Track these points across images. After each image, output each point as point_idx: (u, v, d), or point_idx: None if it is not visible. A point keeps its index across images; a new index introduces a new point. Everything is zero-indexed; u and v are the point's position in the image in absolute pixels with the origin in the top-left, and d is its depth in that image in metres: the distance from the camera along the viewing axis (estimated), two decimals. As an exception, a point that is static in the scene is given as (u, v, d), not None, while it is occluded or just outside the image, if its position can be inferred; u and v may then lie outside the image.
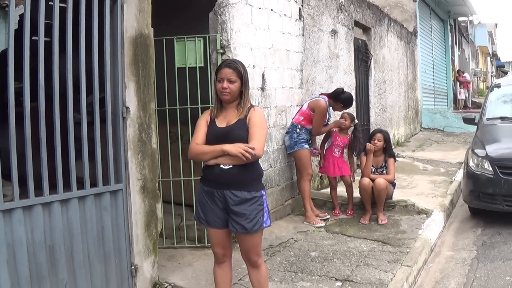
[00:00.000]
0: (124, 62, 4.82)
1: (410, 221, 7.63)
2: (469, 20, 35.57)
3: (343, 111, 8.29)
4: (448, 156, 13.90)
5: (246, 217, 4.13)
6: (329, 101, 7.83)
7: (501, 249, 6.73)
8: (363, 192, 7.79)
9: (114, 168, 4.81)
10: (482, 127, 9.14)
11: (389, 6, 19.46)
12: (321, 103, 7.69)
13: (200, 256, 6.26)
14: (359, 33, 12.88)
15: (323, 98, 7.80)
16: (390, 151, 8.02)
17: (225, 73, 4.17)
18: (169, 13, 7.56)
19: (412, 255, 6.21)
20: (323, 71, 9.66)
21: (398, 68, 16.21)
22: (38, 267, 4.11)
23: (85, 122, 4.55)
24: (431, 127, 20.38)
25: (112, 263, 4.77)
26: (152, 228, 5.15)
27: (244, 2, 6.93)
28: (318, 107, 7.67)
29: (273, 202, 7.53)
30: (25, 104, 4.02)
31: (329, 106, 7.84)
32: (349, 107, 8.16)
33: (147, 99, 5.05)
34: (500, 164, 7.68)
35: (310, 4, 9.08)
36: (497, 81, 11.68)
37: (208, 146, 4.18)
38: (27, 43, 4.02)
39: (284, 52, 8.06)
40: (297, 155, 7.79)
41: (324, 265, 5.97)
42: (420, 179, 10.88)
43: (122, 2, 4.79)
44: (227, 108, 4.25)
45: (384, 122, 14.26)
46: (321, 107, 7.67)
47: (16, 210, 3.95)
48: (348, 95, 8.08)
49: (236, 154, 4.00)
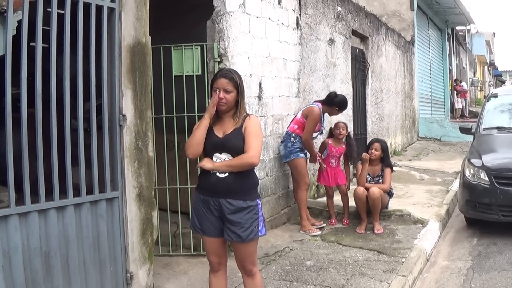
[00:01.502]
0: (121, 70, 4.83)
1: (406, 231, 7.63)
2: (467, 29, 35.68)
3: (338, 121, 8.33)
4: (445, 165, 13.92)
5: (241, 226, 4.13)
6: (324, 107, 7.83)
7: (496, 259, 6.74)
8: (358, 201, 7.80)
9: (110, 176, 4.82)
10: (478, 137, 9.14)
11: (387, 15, 19.51)
12: (314, 110, 7.70)
13: (195, 264, 6.25)
14: (357, 42, 12.91)
15: (317, 105, 7.81)
16: (388, 161, 8.03)
17: (221, 83, 4.18)
18: (167, 21, 7.58)
19: (408, 265, 6.21)
20: (320, 80, 9.68)
21: (395, 77, 16.24)
22: (34, 273, 4.11)
23: (82, 129, 4.56)
24: (428, 136, 20.40)
25: (108, 271, 4.77)
26: (148, 235, 5.15)
27: (241, 10, 6.95)
28: (312, 113, 7.67)
29: (269, 210, 7.53)
30: (22, 110, 4.02)
31: (323, 113, 7.85)
32: (345, 109, 8.16)
33: (144, 107, 5.06)
34: (496, 174, 7.69)
35: (308, 13, 9.11)
36: (494, 91, 11.68)
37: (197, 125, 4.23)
38: (24, 49, 4.03)
39: (281, 61, 8.08)
40: (293, 164, 7.80)
41: (319, 274, 5.97)
42: (417, 188, 10.89)
43: (120, 10, 4.81)
44: (223, 117, 4.26)
45: (381, 131, 14.27)
46: (314, 113, 7.67)
47: (12, 216, 3.95)
48: (342, 97, 8.09)
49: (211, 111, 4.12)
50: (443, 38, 27.27)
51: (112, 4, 4.77)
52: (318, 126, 7.78)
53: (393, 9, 20.15)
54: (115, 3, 4.79)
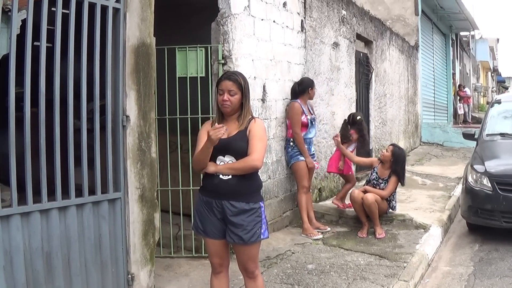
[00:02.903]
0: (126, 70, 4.83)
1: (408, 236, 7.61)
2: (471, 34, 35.66)
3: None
4: (447, 171, 13.89)
5: (244, 228, 4.13)
6: (301, 99, 7.86)
7: (498, 265, 6.72)
8: (354, 204, 7.83)
9: (113, 177, 4.82)
10: (481, 142, 9.13)
11: (391, 19, 19.50)
12: (291, 105, 7.84)
13: (197, 266, 6.25)
14: (361, 46, 12.90)
15: (293, 100, 7.89)
16: (396, 169, 7.90)
17: (225, 85, 4.18)
18: (172, 23, 7.58)
19: (409, 270, 6.19)
20: (324, 83, 9.67)
21: (399, 81, 16.22)
22: (35, 274, 4.11)
23: (85, 129, 4.56)
24: (431, 141, 20.37)
25: (109, 272, 4.77)
26: (150, 237, 5.14)
27: (246, 13, 6.94)
28: (291, 109, 7.81)
29: (271, 213, 7.51)
30: (25, 109, 4.02)
31: (304, 105, 7.86)
32: (313, 83, 8.09)
33: (148, 108, 5.06)
34: (499, 181, 7.67)
35: (313, 16, 9.10)
36: (498, 97, 11.68)
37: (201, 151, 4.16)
38: (29, 48, 4.03)
39: (285, 64, 8.07)
40: (293, 168, 7.86)
41: (320, 278, 5.96)
42: (419, 193, 10.86)
43: (124, 11, 4.81)
44: (228, 119, 4.27)
45: (384, 135, 14.25)
46: (292, 108, 7.78)
47: (14, 216, 3.95)
48: (303, 78, 8.24)
49: (214, 139, 3.95)
50: (447, 43, 27.26)
51: (117, 5, 4.77)
52: (305, 118, 7.77)
53: (397, 14, 20.14)
54: (120, 3, 4.79)
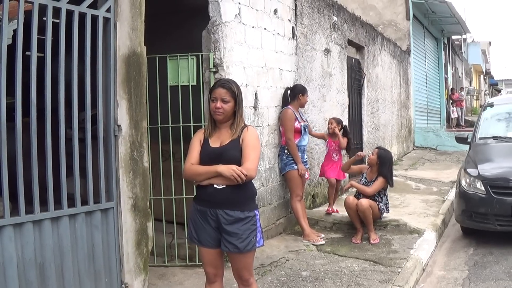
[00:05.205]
0: (117, 80, 4.83)
1: (402, 241, 7.61)
2: (462, 38, 35.85)
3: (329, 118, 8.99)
4: (441, 175, 13.91)
5: (239, 237, 4.12)
6: (293, 105, 7.89)
7: (493, 269, 6.72)
8: (348, 210, 7.82)
9: (105, 186, 4.81)
10: (474, 146, 9.14)
11: (382, 24, 19.57)
12: (284, 111, 7.87)
13: (191, 275, 6.23)
14: (353, 51, 12.93)
15: (286, 107, 7.91)
16: (383, 170, 7.90)
17: (219, 93, 4.18)
18: (162, 31, 7.58)
19: (404, 275, 6.19)
20: (316, 89, 9.68)
21: (391, 86, 16.26)
22: (28, 284, 4.09)
23: (77, 139, 4.55)
24: (424, 145, 20.42)
25: (103, 281, 4.75)
26: (143, 246, 5.13)
27: (237, 21, 6.95)
28: (283, 115, 7.84)
29: (265, 221, 7.50)
30: (16, 119, 4.01)
31: (296, 111, 7.88)
32: (305, 89, 8.12)
33: (139, 117, 5.05)
34: (492, 184, 7.68)
35: (304, 23, 9.12)
36: (490, 100, 11.71)
37: (202, 166, 4.16)
38: (19, 58, 4.02)
39: (277, 71, 8.08)
40: (287, 176, 7.88)
41: (315, 284, 5.95)
42: (413, 198, 10.87)
43: (115, 20, 4.81)
44: (221, 127, 4.26)
45: (376, 140, 14.27)
46: (285, 114, 7.81)
47: (6, 227, 3.93)
48: (296, 85, 8.28)
49: (229, 176, 4.00)
50: (439, 47, 27.37)
51: (108, 14, 4.77)
52: (298, 124, 7.79)
53: (389, 19, 20.21)
54: (110, 13, 4.79)
